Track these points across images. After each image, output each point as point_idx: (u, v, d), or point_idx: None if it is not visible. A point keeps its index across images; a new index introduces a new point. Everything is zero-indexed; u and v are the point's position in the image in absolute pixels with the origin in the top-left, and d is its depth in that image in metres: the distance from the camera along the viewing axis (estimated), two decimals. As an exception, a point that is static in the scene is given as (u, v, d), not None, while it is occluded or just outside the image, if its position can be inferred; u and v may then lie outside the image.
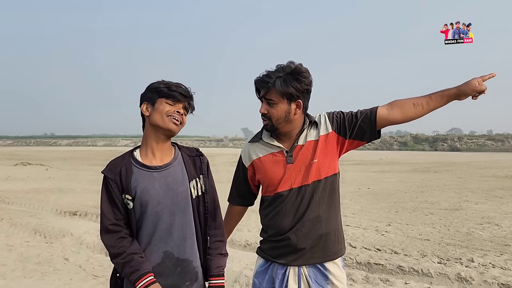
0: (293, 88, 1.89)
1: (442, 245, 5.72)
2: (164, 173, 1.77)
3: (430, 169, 19.72)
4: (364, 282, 4.39)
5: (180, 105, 1.79)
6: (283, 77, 1.90)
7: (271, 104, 1.93)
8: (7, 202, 9.80)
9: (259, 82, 1.95)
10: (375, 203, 9.56)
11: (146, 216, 1.72)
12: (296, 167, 1.97)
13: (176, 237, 1.74)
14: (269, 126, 1.98)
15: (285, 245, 1.98)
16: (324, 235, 1.98)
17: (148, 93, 1.79)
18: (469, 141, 54.00)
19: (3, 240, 6.24)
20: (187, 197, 1.79)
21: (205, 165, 1.89)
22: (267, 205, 2.07)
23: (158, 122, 1.75)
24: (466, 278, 4.36)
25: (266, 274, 2.04)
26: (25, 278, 4.57)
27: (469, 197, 10.30)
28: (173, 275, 1.74)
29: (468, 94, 1.92)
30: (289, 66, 1.92)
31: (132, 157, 1.80)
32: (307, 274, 1.97)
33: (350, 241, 5.91)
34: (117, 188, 1.73)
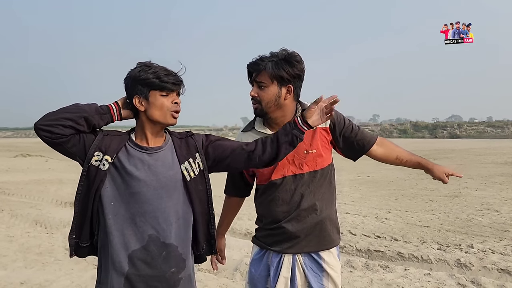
0: (285, 72, 1.88)
1: (442, 232, 5.74)
2: (155, 155, 1.75)
3: (429, 156, 19.71)
4: (364, 268, 4.41)
5: (175, 94, 1.75)
6: (275, 61, 1.89)
7: (261, 87, 1.92)
8: (7, 194, 9.81)
9: (251, 65, 1.94)
10: (375, 191, 9.58)
11: (129, 193, 1.69)
12: (289, 156, 1.94)
13: (162, 221, 1.72)
14: (258, 110, 1.96)
15: (280, 233, 1.98)
16: (319, 224, 1.98)
17: (138, 86, 1.71)
18: (468, 128, 54.02)
19: (4, 231, 6.25)
20: (176, 182, 1.76)
21: (199, 139, 1.86)
22: (261, 194, 2.07)
23: (159, 118, 1.73)
24: (466, 264, 4.38)
25: (261, 262, 2.05)
26: (26, 269, 4.59)
27: (469, 183, 10.31)
28: (158, 259, 1.71)
29: (434, 176, 2.06)
30: (282, 52, 1.92)
31: (129, 136, 1.79)
32: (302, 262, 1.97)
33: (350, 229, 5.93)
34: (98, 141, 1.70)
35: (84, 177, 1.71)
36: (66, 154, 1.72)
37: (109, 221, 1.70)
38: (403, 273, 4.23)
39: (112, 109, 1.73)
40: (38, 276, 4.30)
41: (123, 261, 1.69)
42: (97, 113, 1.68)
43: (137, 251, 1.69)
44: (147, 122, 1.75)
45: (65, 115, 1.62)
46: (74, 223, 1.75)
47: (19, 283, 4.15)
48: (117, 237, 1.69)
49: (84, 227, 1.75)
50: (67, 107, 1.66)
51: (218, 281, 4.15)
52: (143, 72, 1.69)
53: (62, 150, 1.69)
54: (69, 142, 1.66)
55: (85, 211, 1.73)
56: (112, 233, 1.69)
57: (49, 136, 1.61)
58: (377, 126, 62.10)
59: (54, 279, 4.20)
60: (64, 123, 1.61)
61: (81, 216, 1.74)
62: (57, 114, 1.63)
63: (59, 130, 1.61)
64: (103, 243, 1.76)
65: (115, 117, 1.74)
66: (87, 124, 1.67)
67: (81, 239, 1.76)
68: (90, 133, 1.72)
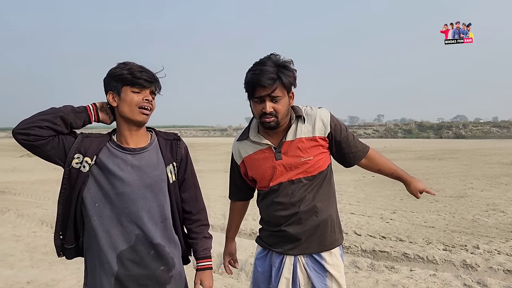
0: (288, 80, 1.86)
1: (447, 232, 5.72)
2: (138, 156, 1.75)
3: (435, 156, 19.65)
4: (370, 269, 4.41)
5: (147, 91, 1.73)
6: (280, 70, 1.84)
7: (275, 101, 1.85)
8: (13, 193, 9.88)
9: (265, 81, 1.80)
10: (380, 191, 9.55)
11: (113, 194, 1.69)
12: (286, 163, 1.94)
13: (147, 221, 1.72)
14: (274, 123, 1.88)
15: (282, 235, 1.99)
16: (320, 226, 1.97)
17: (112, 82, 1.70)
18: (474, 128, 53.74)
19: (11, 231, 6.30)
20: (161, 182, 1.77)
21: (181, 150, 1.85)
22: (262, 199, 2.08)
23: (127, 114, 1.71)
24: (472, 264, 4.36)
25: (265, 260, 2.06)
26: (32, 268, 4.62)
27: (474, 184, 10.26)
28: (147, 258, 1.72)
29: (409, 191, 2.16)
30: (278, 59, 1.87)
31: (110, 137, 1.78)
32: (305, 262, 1.98)
33: (355, 229, 5.92)
34: (77, 144, 1.70)
35: (66, 180, 1.70)
36: (46, 158, 1.70)
37: (94, 222, 1.69)
38: (408, 274, 4.22)
39: (89, 108, 1.73)
40: (45, 276, 4.33)
41: (112, 262, 1.69)
42: (72, 112, 1.68)
43: (125, 251, 1.70)
44: (121, 120, 1.74)
45: (41, 117, 1.63)
46: (59, 225, 1.75)
47: (25, 282, 4.18)
48: (104, 238, 1.69)
49: (68, 229, 1.75)
50: (43, 110, 1.66)
51: (223, 281, 4.16)
52: (119, 69, 1.70)
53: (42, 153, 1.67)
54: (48, 144, 1.65)
55: (68, 213, 1.72)
56: (98, 234, 1.69)
57: (26, 138, 1.61)
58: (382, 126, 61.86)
59: (61, 278, 4.23)
60: (40, 124, 1.61)
61: (65, 218, 1.74)
62: (33, 117, 1.63)
63: (35, 131, 1.61)
64: (88, 245, 1.75)
65: (92, 116, 1.73)
66: (63, 123, 1.66)
67: (66, 241, 1.77)
68: (70, 136, 1.71)
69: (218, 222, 6.41)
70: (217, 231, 6.10)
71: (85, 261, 1.79)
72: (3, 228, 6.51)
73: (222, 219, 6.38)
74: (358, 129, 62.09)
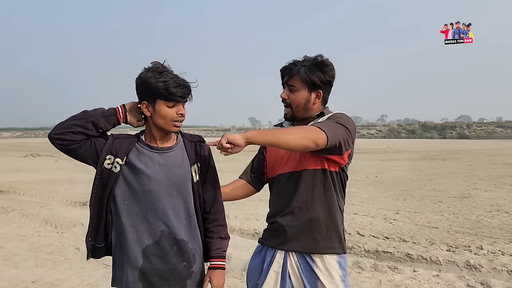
0: (316, 77, 1.95)
1: (451, 233, 5.71)
2: (165, 155, 1.82)
3: (438, 157, 19.61)
4: (373, 270, 4.41)
5: (181, 105, 1.78)
6: (308, 66, 1.95)
7: (292, 90, 1.98)
8: (18, 193, 9.92)
9: (284, 69, 2.00)
10: (383, 192, 9.54)
11: (141, 191, 1.76)
12: (295, 154, 1.99)
13: (173, 217, 1.79)
14: (289, 115, 2.03)
15: (275, 227, 2.03)
16: (312, 223, 1.95)
17: (146, 93, 1.75)
18: (478, 129, 53.57)
19: (15, 230, 6.33)
20: (186, 180, 1.83)
21: (205, 151, 1.91)
22: (270, 187, 2.15)
23: (162, 125, 1.78)
24: (475, 265, 4.36)
25: (259, 256, 2.10)
26: (37, 268, 4.65)
27: (478, 184, 10.24)
28: (170, 253, 1.78)
29: None
30: (315, 57, 1.98)
31: (138, 137, 1.85)
32: (296, 260, 1.97)
33: (358, 229, 5.92)
34: (109, 146, 1.77)
35: (98, 180, 1.78)
36: (80, 159, 1.79)
37: (124, 218, 1.77)
38: (411, 275, 4.22)
39: (118, 111, 1.80)
40: (49, 275, 4.35)
41: (137, 256, 1.76)
42: (103, 116, 1.76)
43: (150, 246, 1.77)
44: (153, 126, 1.81)
45: (74, 122, 1.71)
46: (91, 225, 1.82)
47: (30, 281, 4.21)
48: (132, 233, 1.77)
49: (100, 228, 1.82)
50: (75, 114, 1.75)
51: (226, 281, 4.15)
52: (154, 79, 1.72)
53: (76, 155, 1.77)
54: (81, 147, 1.74)
55: (101, 212, 1.80)
56: (127, 229, 1.77)
57: (61, 143, 1.71)
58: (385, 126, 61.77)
59: (65, 278, 4.26)
60: (73, 129, 1.70)
61: (97, 217, 1.81)
62: (66, 122, 1.72)
63: (69, 136, 1.70)
64: (117, 241, 1.82)
65: (121, 119, 1.80)
66: (95, 127, 1.74)
67: (96, 241, 1.84)
68: (101, 138, 1.79)
69: (237, 224, 6.41)
70: (234, 234, 6.11)
71: (113, 258, 1.86)
72: (8, 227, 6.54)
73: (239, 223, 6.38)
74: (361, 129, 61.96)
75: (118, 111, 1.80)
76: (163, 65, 1.79)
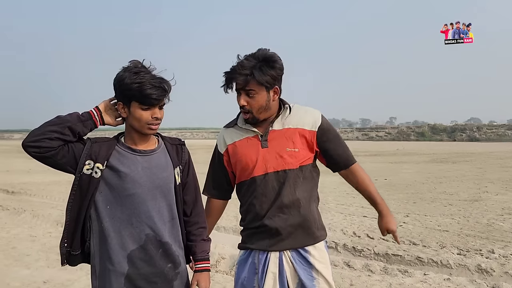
0: (270, 76, 1.89)
1: (462, 236, 5.66)
2: (148, 158, 1.79)
3: (448, 159, 19.46)
4: (383, 273, 4.39)
5: (156, 108, 1.73)
6: (258, 66, 1.87)
7: (250, 95, 1.91)
8: (29, 194, 10.03)
9: (235, 74, 1.88)
10: (393, 194, 9.49)
11: (124, 195, 1.72)
12: (271, 152, 1.96)
13: (157, 220, 1.76)
14: (250, 119, 1.97)
15: (263, 231, 1.98)
16: (302, 221, 1.98)
17: (121, 94, 1.71)
18: (488, 131, 53.03)
19: (27, 231, 6.40)
20: (170, 183, 1.82)
21: (185, 154, 1.92)
22: (244, 190, 2.06)
23: (137, 128, 1.75)
24: (487, 269, 4.32)
25: (247, 262, 2.04)
26: (48, 268, 4.70)
27: (489, 188, 10.14)
28: (156, 256, 1.76)
29: (380, 223, 2.23)
30: (261, 54, 1.90)
31: (118, 140, 1.81)
32: (290, 256, 1.98)
33: (367, 232, 5.90)
34: (88, 150, 1.71)
35: (77, 186, 1.72)
36: (56, 167, 1.73)
37: (106, 224, 1.73)
38: (422, 278, 4.19)
39: (94, 114, 1.74)
40: (60, 276, 4.39)
41: (122, 262, 1.72)
42: (79, 121, 1.69)
43: (135, 250, 1.73)
44: (130, 127, 1.78)
45: (50, 128, 1.64)
46: (66, 231, 1.76)
47: (42, 282, 4.25)
48: (115, 238, 1.72)
49: (76, 235, 1.76)
50: (50, 120, 1.67)
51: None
52: (129, 80, 1.67)
53: (53, 162, 1.70)
54: (58, 154, 1.67)
55: (78, 219, 1.74)
56: (110, 235, 1.72)
57: (38, 151, 1.63)
58: (394, 129, 61.38)
59: (76, 278, 4.29)
60: (50, 136, 1.63)
61: (74, 223, 1.75)
62: (41, 129, 1.65)
63: (46, 143, 1.62)
64: (98, 248, 1.77)
65: (97, 122, 1.75)
66: (72, 133, 1.68)
67: (72, 247, 1.77)
68: (78, 143, 1.73)
69: (230, 224, 6.43)
70: (229, 233, 6.13)
71: (92, 266, 1.80)
72: (19, 228, 6.62)
73: (235, 221, 6.40)
74: (370, 131, 61.59)
75: (93, 115, 1.73)
76: (141, 64, 1.73)
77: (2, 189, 10.98)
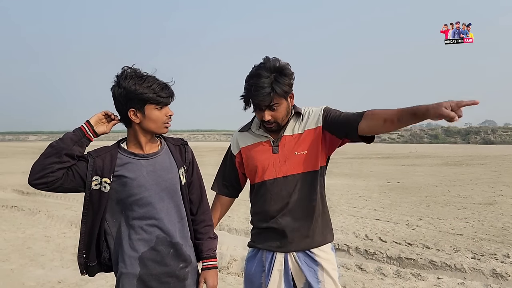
0: (287, 85, 1.95)
1: (476, 240, 5.59)
2: (152, 161, 1.82)
3: (462, 162, 19.20)
4: (395, 276, 4.36)
5: (167, 107, 1.81)
6: (275, 79, 1.91)
7: (274, 109, 1.96)
8: (44, 195, 10.16)
9: (261, 96, 1.90)
10: (405, 197, 9.40)
11: (133, 200, 1.76)
12: (282, 157, 2.02)
13: (167, 222, 1.80)
14: (275, 127, 2.02)
15: (271, 232, 2.05)
16: (309, 224, 2.02)
17: (133, 100, 1.72)
18: (503, 134, 52.17)
19: (42, 232, 6.50)
20: (175, 184, 1.85)
21: (189, 154, 1.95)
22: (254, 192, 2.13)
23: (153, 129, 1.79)
24: (502, 274, 4.25)
25: (255, 258, 2.12)
26: (62, 268, 4.77)
27: (504, 191, 9.99)
28: (167, 257, 1.80)
29: (434, 118, 1.63)
30: (273, 64, 1.92)
31: (119, 147, 1.83)
32: (296, 256, 2.02)
33: (380, 235, 5.86)
34: (92, 167, 1.74)
35: (88, 202, 1.77)
36: (68, 191, 1.76)
37: (117, 229, 1.80)
38: (435, 282, 4.15)
39: (86, 131, 1.75)
40: (74, 276, 4.45)
41: (134, 263, 1.77)
42: (73, 143, 1.71)
43: (146, 252, 1.78)
44: (140, 132, 1.81)
45: (48, 161, 1.66)
46: (82, 243, 1.81)
47: (56, 281, 4.32)
48: (127, 242, 1.78)
49: (91, 247, 1.81)
50: (45, 152, 1.69)
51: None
52: (138, 86, 1.71)
53: (63, 190, 1.74)
54: (65, 181, 1.71)
55: (92, 231, 1.79)
56: (122, 240, 1.78)
57: (45, 186, 1.68)
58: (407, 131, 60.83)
59: (90, 278, 4.29)
60: (51, 169, 1.66)
61: (89, 237, 1.79)
62: (40, 163, 1.67)
63: (51, 177, 1.66)
64: (115, 256, 1.82)
65: (91, 137, 1.77)
66: (70, 158, 1.70)
67: (89, 259, 1.83)
68: (80, 162, 1.75)
69: (242, 226, 6.45)
70: (241, 235, 6.14)
71: (115, 272, 1.85)
72: (34, 228, 6.72)
73: (246, 223, 6.41)
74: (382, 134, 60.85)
75: (85, 131, 1.75)
76: (134, 69, 1.77)
77: (17, 190, 11.17)
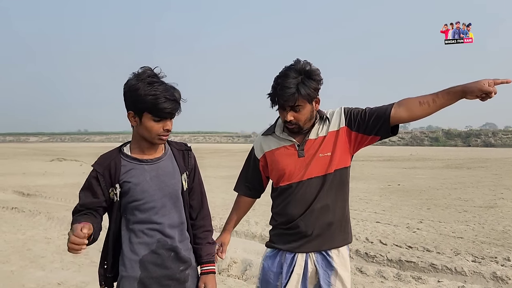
0: (313, 89, 1.96)
1: (477, 243, 5.58)
2: (155, 166, 1.83)
3: (463, 165, 19.17)
4: (396, 279, 4.35)
5: (168, 121, 1.75)
6: (301, 81, 1.93)
7: (297, 110, 1.97)
8: (44, 197, 10.18)
9: (285, 96, 1.92)
10: (406, 200, 9.39)
11: (136, 205, 1.78)
12: (307, 160, 2.03)
13: (167, 226, 1.82)
14: (296, 129, 2.04)
15: (294, 232, 2.06)
16: (331, 224, 2.04)
17: (133, 103, 1.71)
18: (504, 136, 52.08)
19: (42, 233, 6.50)
20: (178, 189, 1.86)
21: (192, 160, 1.96)
22: (277, 195, 2.14)
23: (146, 137, 1.78)
24: (502, 277, 4.25)
25: (275, 259, 2.12)
26: (63, 270, 4.77)
27: (505, 194, 9.97)
28: (167, 260, 1.81)
29: (474, 93, 1.79)
30: (303, 67, 1.94)
31: (122, 152, 1.84)
32: (315, 259, 2.04)
33: (380, 238, 5.85)
34: (104, 182, 1.78)
35: (110, 213, 1.85)
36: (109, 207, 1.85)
37: (122, 232, 1.83)
38: (436, 285, 4.15)
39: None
40: (75, 277, 4.46)
41: (135, 267, 1.78)
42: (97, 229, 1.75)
43: (147, 255, 1.79)
44: (138, 135, 1.81)
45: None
46: (105, 254, 1.86)
47: (56, 283, 4.32)
48: (128, 245, 1.80)
49: (109, 257, 1.86)
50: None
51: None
52: (143, 91, 1.66)
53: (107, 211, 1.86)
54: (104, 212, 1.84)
55: (117, 242, 1.85)
56: (124, 243, 1.81)
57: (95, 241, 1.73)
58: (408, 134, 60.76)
59: (90, 280, 4.34)
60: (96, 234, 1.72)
61: (113, 249, 1.85)
62: None
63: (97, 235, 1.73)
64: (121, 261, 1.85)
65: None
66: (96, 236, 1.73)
67: (108, 270, 1.85)
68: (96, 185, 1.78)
69: (242, 228, 6.43)
70: (241, 237, 6.14)
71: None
72: (35, 230, 6.72)
73: (247, 225, 6.41)
74: (383, 136, 60.72)
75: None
76: (153, 73, 1.73)
77: (18, 192, 11.17)
